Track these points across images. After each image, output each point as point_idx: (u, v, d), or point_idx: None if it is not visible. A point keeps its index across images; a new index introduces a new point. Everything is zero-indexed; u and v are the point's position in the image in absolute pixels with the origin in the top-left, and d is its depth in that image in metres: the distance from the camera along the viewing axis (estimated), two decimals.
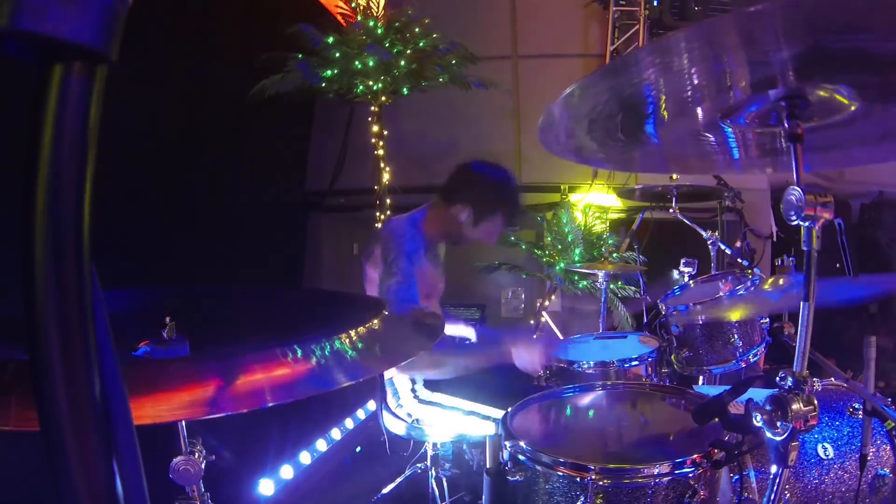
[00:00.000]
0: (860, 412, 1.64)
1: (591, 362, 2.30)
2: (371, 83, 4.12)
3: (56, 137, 0.39)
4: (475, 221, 2.42)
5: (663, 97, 1.12)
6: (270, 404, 0.79)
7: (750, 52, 0.95)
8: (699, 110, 1.20)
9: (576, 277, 4.50)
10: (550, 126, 1.32)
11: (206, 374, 0.84)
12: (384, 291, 2.28)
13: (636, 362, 2.29)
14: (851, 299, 1.56)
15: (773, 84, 1.04)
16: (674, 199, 3.38)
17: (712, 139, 1.36)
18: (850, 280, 1.60)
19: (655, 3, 4.97)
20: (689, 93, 1.11)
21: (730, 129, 1.28)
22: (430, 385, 2.37)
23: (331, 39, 3.96)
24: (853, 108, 1.09)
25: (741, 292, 2.26)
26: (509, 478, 1.34)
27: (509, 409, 1.56)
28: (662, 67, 1.00)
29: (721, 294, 2.35)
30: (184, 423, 1.11)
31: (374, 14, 4.18)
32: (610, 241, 4.45)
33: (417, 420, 2.36)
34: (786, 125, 1.06)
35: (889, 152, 1.34)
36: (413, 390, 2.38)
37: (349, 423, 3.74)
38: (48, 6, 0.36)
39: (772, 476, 1.08)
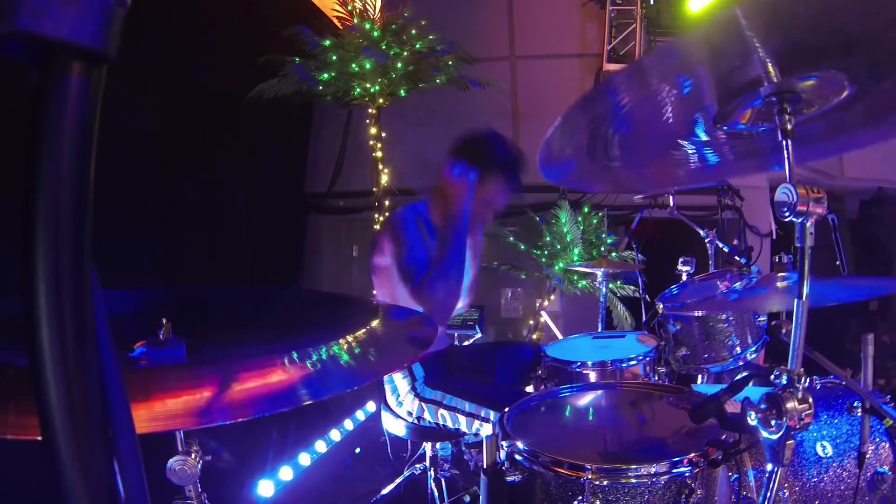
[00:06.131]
0: (859, 410, 1.64)
1: (590, 362, 2.30)
2: (368, 85, 4.12)
3: (56, 137, 0.39)
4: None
5: (640, 118, 1.14)
6: (266, 414, 0.79)
7: (727, 58, 0.96)
8: (691, 120, 1.20)
9: (575, 277, 4.50)
10: (549, 157, 1.33)
11: (202, 381, 0.83)
12: (398, 262, 2.26)
13: (634, 362, 2.29)
14: (850, 298, 1.56)
15: (760, 83, 1.04)
16: (672, 197, 3.39)
17: (693, 149, 1.37)
18: (849, 281, 1.61)
19: (652, 2, 4.98)
20: (669, 107, 1.12)
21: (706, 137, 1.29)
22: (430, 383, 2.37)
23: (327, 42, 3.97)
24: (843, 92, 1.09)
25: (739, 290, 2.26)
26: (507, 478, 1.34)
27: (507, 409, 1.56)
28: (638, 90, 1.01)
29: (719, 292, 2.36)
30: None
31: (371, 16, 4.19)
32: (609, 241, 4.46)
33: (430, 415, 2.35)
34: (777, 121, 1.06)
35: (887, 131, 1.33)
36: (413, 388, 2.38)
37: (348, 425, 3.73)
38: (48, 6, 0.36)
39: (767, 474, 1.09)
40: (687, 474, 1.23)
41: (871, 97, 1.11)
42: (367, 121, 4.36)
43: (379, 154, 4.38)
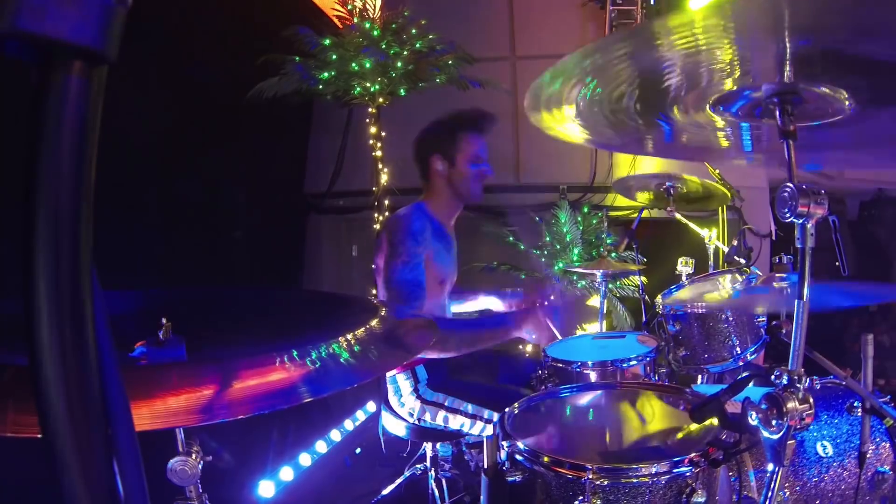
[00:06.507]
0: (859, 410, 1.64)
1: (590, 362, 2.30)
2: (368, 85, 4.12)
3: (56, 137, 0.39)
4: (451, 160, 2.46)
5: (675, 75, 1.10)
6: (267, 411, 0.79)
7: (753, 42, 0.95)
8: (695, 97, 1.19)
9: (574, 277, 4.50)
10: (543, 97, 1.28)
11: (202, 379, 0.83)
12: (388, 272, 2.27)
13: (634, 362, 2.29)
14: (852, 303, 1.56)
15: (769, 78, 1.04)
16: (672, 199, 3.39)
17: (728, 129, 1.35)
18: (850, 286, 1.61)
19: (652, 2, 4.98)
20: (688, 77, 1.10)
21: (746, 123, 1.28)
22: (433, 385, 2.37)
23: (327, 42, 3.97)
24: (846, 110, 1.09)
25: (738, 291, 2.26)
26: (507, 478, 1.34)
27: (507, 410, 1.56)
28: (674, 45, 0.98)
29: (718, 293, 2.36)
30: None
31: (371, 16, 4.18)
32: (608, 241, 4.45)
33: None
34: (778, 121, 1.06)
35: (887, 157, 1.34)
36: (416, 389, 2.37)
37: (349, 425, 3.73)
38: (48, 6, 0.36)
39: (768, 474, 1.09)
40: (688, 474, 1.23)
41: (870, 124, 1.12)
42: (367, 120, 4.36)
43: (379, 153, 4.38)
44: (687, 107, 1.23)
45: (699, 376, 2.42)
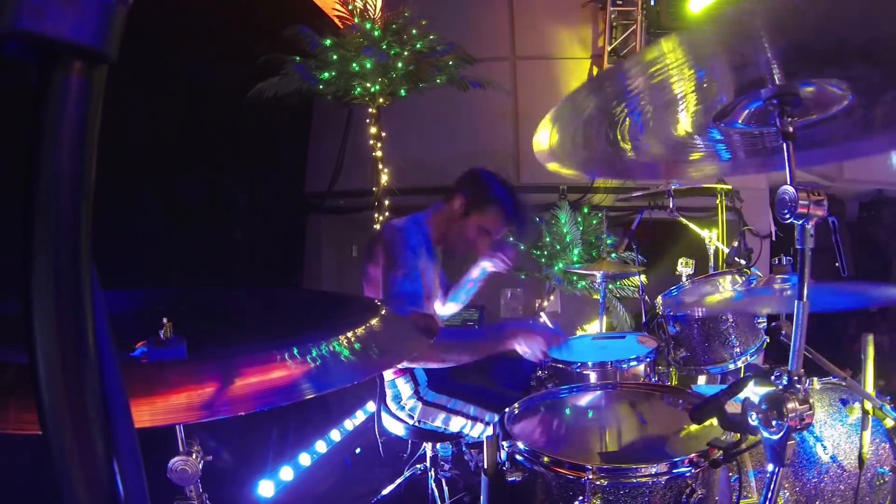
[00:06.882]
0: (859, 411, 1.65)
1: (590, 363, 2.30)
2: (368, 85, 4.12)
3: (56, 137, 0.39)
4: (466, 211, 2.41)
5: (650, 107, 1.14)
6: (268, 407, 0.79)
7: (735, 55, 0.95)
8: (691, 116, 1.20)
9: (574, 278, 4.50)
10: (546, 142, 1.33)
11: (203, 377, 0.83)
12: (387, 284, 2.26)
13: (634, 362, 2.29)
14: (851, 305, 1.57)
15: (763, 84, 1.04)
16: (671, 198, 3.40)
17: (702, 144, 1.36)
18: (850, 287, 1.61)
19: (653, 3, 4.98)
20: (678, 99, 1.12)
21: (718, 133, 1.29)
22: (434, 387, 2.37)
23: (328, 42, 3.97)
24: (845, 100, 1.09)
25: (738, 292, 2.26)
26: (508, 478, 1.34)
27: (507, 410, 1.56)
28: (648, 78, 1.01)
29: (718, 294, 2.35)
30: (181, 424, 1.11)
31: (371, 16, 4.19)
32: (608, 242, 4.46)
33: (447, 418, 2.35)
34: (778, 123, 1.06)
35: (888, 142, 1.34)
36: (416, 392, 2.37)
37: (348, 425, 3.73)
38: (48, 6, 0.36)
39: (769, 475, 1.09)
40: (688, 474, 1.23)
41: (871, 108, 1.11)
42: (368, 120, 4.37)
43: (379, 154, 4.38)
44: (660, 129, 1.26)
45: (699, 377, 2.42)
